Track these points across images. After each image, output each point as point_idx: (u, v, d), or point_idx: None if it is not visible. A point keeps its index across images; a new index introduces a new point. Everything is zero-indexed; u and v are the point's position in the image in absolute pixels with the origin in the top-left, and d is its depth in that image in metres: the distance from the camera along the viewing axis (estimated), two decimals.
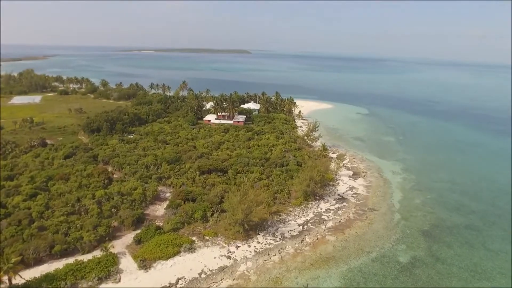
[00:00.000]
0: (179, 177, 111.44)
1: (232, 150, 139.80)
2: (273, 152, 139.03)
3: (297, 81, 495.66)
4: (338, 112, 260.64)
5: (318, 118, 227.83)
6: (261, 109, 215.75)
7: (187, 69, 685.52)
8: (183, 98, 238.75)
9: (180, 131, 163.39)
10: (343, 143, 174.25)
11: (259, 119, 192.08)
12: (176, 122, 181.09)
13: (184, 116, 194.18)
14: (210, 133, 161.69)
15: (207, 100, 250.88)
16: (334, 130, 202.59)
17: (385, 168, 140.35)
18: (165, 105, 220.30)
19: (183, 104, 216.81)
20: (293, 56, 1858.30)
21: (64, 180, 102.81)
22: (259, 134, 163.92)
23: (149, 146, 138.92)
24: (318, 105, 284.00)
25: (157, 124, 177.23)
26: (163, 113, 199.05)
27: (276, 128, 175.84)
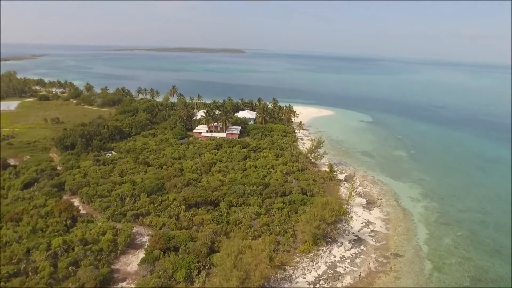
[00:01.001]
0: (160, 213, 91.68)
1: (226, 173, 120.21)
2: (273, 175, 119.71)
3: (294, 84, 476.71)
4: (340, 120, 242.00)
5: (319, 127, 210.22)
6: (257, 118, 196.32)
7: (179, 70, 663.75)
8: (172, 106, 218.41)
9: (166, 148, 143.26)
10: (351, 160, 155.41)
11: (255, 131, 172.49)
12: (162, 136, 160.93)
13: (172, 127, 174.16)
14: (200, 150, 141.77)
15: (198, 107, 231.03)
16: (338, 142, 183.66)
17: (401, 193, 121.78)
18: (151, 114, 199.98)
19: (172, 113, 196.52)
20: (288, 56, 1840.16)
21: (15, 221, 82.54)
22: (256, 151, 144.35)
23: (128, 168, 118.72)
24: (318, 112, 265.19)
25: (140, 139, 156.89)
26: (149, 124, 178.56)
27: (275, 142, 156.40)
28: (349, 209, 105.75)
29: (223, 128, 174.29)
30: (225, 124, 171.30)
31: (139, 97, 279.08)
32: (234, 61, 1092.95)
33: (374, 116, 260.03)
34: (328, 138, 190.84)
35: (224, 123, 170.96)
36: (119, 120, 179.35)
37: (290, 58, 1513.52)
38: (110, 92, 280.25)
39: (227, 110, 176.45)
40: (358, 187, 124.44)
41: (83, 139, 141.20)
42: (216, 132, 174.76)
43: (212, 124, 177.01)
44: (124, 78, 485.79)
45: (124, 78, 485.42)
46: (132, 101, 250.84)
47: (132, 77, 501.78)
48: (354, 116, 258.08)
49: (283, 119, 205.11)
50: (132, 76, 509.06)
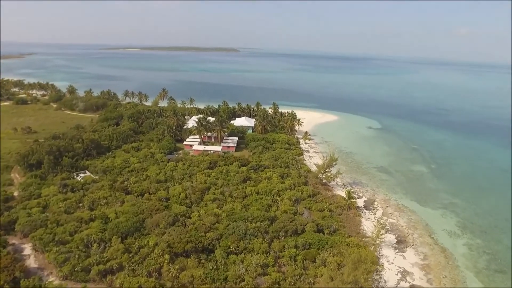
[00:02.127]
0: (136, 266, 69.43)
1: (222, 201, 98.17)
2: (280, 205, 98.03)
3: (292, 85, 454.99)
4: (347, 126, 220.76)
5: (325, 136, 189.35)
6: (256, 127, 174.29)
7: (171, 70, 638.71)
8: (161, 112, 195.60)
9: (150, 167, 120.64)
10: (366, 178, 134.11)
11: (255, 143, 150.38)
12: (147, 150, 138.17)
13: (159, 139, 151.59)
14: (191, 169, 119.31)
15: (190, 112, 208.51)
16: (348, 155, 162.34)
17: (434, 224, 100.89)
18: (137, 122, 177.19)
19: (160, 121, 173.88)
20: (282, 55, 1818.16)
21: None
22: (257, 170, 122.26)
23: (101, 197, 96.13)
24: (322, 117, 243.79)
25: (121, 154, 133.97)
26: (133, 135, 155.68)
27: (279, 158, 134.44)
28: (377, 251, 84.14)
29: (218, 139, 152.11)
30: (220, 135, 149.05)
31: (126, 101, 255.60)
32: (228, 60, 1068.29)
33: (381, 122, 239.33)
34: (336, 149, 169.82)
35: (219, 134, 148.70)
36: (98, 130, 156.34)
37: (285, 58, 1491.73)
38: (94, 96, 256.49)
39: (223, 119, 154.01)
40: (382, 217, 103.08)
41: (52, 157, 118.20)
42: (210, 145, 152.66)
43: (205, 134, 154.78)
44: (114, 78, 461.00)
45: (113, 78, 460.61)
46: (118, 105, 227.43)
47: (122, 77, 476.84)
48: (361, 122, 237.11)
49: (285, 127, 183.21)
50: (122, 77, 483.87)
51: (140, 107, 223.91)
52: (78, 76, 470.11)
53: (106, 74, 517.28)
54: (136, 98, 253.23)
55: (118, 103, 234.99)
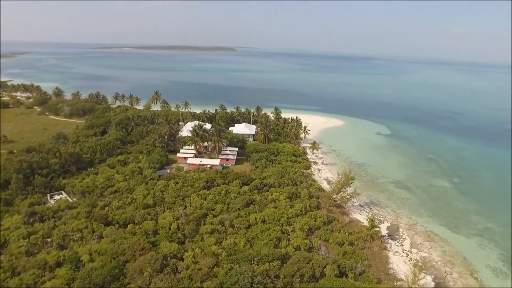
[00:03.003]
0: None
1: (221, 233, 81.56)
2: (291, 238, 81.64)
3: (292, 86, 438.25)
4: (354, 133, 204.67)
5: (332, 144, 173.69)
6: (258, 135, 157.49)
7: (167, 70, 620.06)
8: (152, 118, 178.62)
9: (137, 187, 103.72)
10: (384, 197, 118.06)
11: (257, 155, 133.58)
12: (135, 164, 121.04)
13: (149, 150, 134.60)
14: (185, 190, 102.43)
15: (185, 117, 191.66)
16: (360, 167, 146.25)
17: (473, 258, 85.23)
18: (126, 129, 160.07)
19: (151, 129, 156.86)
20: (280, 54, 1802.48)
21: None
22: (261, 190, 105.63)
23: (75, 229, 79.22)
24: (326, 121, 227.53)
25: (105, 170, 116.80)
26: (120, 146, 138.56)
27: (285, 174, 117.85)
28: None
29: (216, 150, 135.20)
30: (218, 147, 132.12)
31: (117, 104, 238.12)
32: (225, 60, 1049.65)
33: (390, 127, 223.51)
34: (346, 159, 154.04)
35: (216, 145, 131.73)
36: (80, 141, 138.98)
37: (283, 57, 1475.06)
38: (81, 99, 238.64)
39: (221, 128, 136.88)
40: (411, 249, 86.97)
41: (21, 175, 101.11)
42: (206, 156, 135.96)
43: (202, 145, 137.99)
44: (106, 79, 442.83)
45: (106, 79, 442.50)
46: (106, 110, 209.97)
47: (115, 78, 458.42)
48: (369, 127, 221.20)
49: (290, 135, 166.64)
50: (115, 77, 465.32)
51: (131, 112, 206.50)
52: (69, 77, 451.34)
53: (98, 74, 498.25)
54: (127, 101, 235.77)
55: (107, 107, 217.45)
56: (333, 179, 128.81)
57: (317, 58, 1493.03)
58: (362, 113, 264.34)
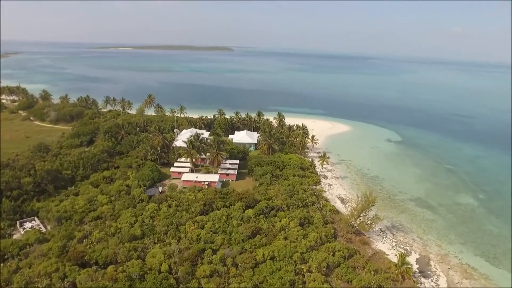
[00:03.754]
0: None
1: (223, 277, 66.90)
2: (307, 281, 67.18)
3: (292, 87, 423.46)
4: (362, 139, 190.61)
5: (340, 153, 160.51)
6: (261, 145, 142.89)
7: (163, 70, 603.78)
8: (145, 125, 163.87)
9: (123, 211, 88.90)
10: (406, 218, 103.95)
11: (261, 169, 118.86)
12: (122, 182, 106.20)
13: (140, 164, 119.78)
14: (179, 215, 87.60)
15: (180, 123, 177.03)
16: (374, 180, 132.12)
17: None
18: (115, 138, 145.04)
19: (143, 138, 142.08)
20: (277, 54, 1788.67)
21: None
22: (268, 215, 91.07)
23: (42, 275, 64.35)
24: (332, 127, 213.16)
25: (88, 189, 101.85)
26: (107, 159, 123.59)
27: (294, 193, 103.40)
28: None
29: (214, 163, 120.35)
30: (217, 160, 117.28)
31: (108, 109, 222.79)
32: (222, 60, 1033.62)
33: (400, 133, 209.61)
34: (358, 171, 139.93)
35: (215, 159, 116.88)
36: (62, 153, 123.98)
37: (280, 57, 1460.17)
38: (70, 103, 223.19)
39: (220, 140, 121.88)
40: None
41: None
42: (204, 170, 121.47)
43: (198, 158, 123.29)
44: (99, 80, 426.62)
45: (99, 80, 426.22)
46: (95, 115, 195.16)
47: (109, 79, 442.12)
48: (377, 133, 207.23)
49: (296, 144, 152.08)
50: (110, 78, 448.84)
51: (122, 117, 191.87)
52: (60, 78, 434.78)
53: (92, 75, 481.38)
54: (119, 105, 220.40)
55: (96, 112, 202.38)
56: (347, 197, 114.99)
57: (315, 58, 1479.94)
58: (368, 117, 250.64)
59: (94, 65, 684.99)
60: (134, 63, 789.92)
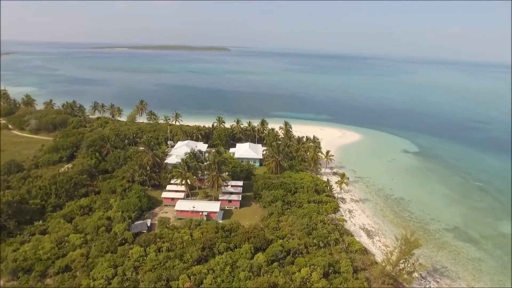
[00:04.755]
0: None
1: None
2: None
3: (293, 89, 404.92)
4: (377, 150, 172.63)
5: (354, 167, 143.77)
6: (268, 162, 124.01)
7: (158, 71, 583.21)
8: (134, 137, 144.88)
9: (100, 258, 69.84)
10: (448, 258, 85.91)
11: (269, 195, 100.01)
12: (103, 213, 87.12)
13: (125, 188, 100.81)
14: (171, 264, 68.67)
15: (175, 133, 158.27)
16: (399, 203, 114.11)
17: None
18: (100, 153, 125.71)
19: (131, 154, 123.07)
20: (274, 54, 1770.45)
21: None
22: (283, 262, 72.33)
23: None
24: (341, 135, 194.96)
25: (58, 225, 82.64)
26: (86, 182, 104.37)
27: (312, 228, 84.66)
28: None
29: (215, 188, 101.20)
30: (217, 184, 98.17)
31: (96, 115, 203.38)
32: (219, 60, 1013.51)
33: (415, 142, 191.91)
34: (379, 193, 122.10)
35: (215, 183, 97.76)
36: (32, 176, 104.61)
37: (278, 57, 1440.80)
38: (54, 109, 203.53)
39: (221, 160, 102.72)
40: None
41: None
42: (201, 197, 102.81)
43: (195, 180, 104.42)
44: (91, 82, 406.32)
45: (90, 82, 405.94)
46: (81, 123, 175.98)
47: (101, 81, 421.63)
48: (391, 143, 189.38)
49: (307, 160, 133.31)
50: (101, 80, 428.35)
51: (110, 126, 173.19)
52: (50, 80, 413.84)
53: (84, 77, 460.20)
54: (108, 112, 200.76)
55: (82, 120, 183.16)
56: (373, 228, 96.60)
57: (313, 58, 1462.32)
58: (377, 123, 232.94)
59: (87, 66, 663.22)
60: (129, 64, 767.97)
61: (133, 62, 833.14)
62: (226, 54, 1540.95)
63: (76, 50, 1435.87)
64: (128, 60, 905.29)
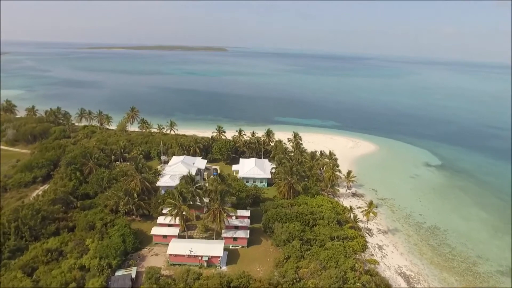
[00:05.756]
0: None
1: None
2: None
3: (294, 92, 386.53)
4: (395, 163, 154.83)
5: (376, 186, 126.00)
6: (279, 185, 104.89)
7: (153, 73, 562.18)
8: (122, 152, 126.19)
9: None
10: None
11: (284, 231, 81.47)
12: (75, 261, 68.31)
13: (107, 223, 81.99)
14: None
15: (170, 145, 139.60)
16: (436, 235, 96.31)
17: None
18: (81, 172, 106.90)
19: (116, 174, 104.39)
20: (272, 54, 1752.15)
21: None
22: None
23: None
24: (354, 146, 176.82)
25: (15, 279, 63.69)
26: (60, 213, 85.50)
27: (339, 276, 66.14)
28: None
29: (216, 222, 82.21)
30: (220, 220, 79.28)
31: (83, 123, 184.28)
32: (217, 61, 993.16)
33: (435, 152, 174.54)
34: (408, 220, 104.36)
35: (218, 218, 78.90)
36: None
37: (275, 57, 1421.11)
38: (36, 117, 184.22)
39: (225, 190, 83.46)
40: None
41: None
42: (200, 234, 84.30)
43: (192, 217, 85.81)
44: (82, 84, 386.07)
45: (82, 84, 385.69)
46: (64, 134, 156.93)
47: (93, 83, 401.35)
48: (409, 154, 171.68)
49: (323, 179, 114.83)
50: (94, 82, 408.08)
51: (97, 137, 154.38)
52: (40, 82, 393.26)
53: (76, 78, 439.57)
54: (95, 120, 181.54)
55: (66, 129, 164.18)
56: (411, 272, 78.43)
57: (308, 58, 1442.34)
58: (390, 130, 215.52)
59: (80, 67, 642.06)
60: (124, 65, 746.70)
61: (128, 63, 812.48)
62: (224, 54, 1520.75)
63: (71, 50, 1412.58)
64: (123, 60, 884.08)
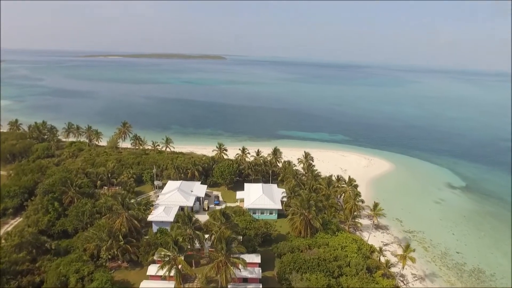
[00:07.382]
0: None
1: None
2: None
3: (296, 102, 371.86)
4: (416, 186, 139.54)
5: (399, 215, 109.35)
6: (293, 221, 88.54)
7: (150, 82, 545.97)
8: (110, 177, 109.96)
9: None
10: None
11: (302, 282, 65.21)
12: None
13: (83, 276, 65.45)
14: None
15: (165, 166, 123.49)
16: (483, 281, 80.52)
17: None
18: (60, 202, 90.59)
19: (101, 207, 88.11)
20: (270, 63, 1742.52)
21: None
22: None
23: None
24: (368, 164, 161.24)
25: None
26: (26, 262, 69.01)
27: None
28: None
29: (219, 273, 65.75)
30: (225, 274, 62.94)
31: (70, 138, 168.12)
32: (215, 69, 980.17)
33: (457, 172, 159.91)
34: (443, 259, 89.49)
35: (224, 273, 62.62)
36: None
37: (273, 66, 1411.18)
38: (17, 132, 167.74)
39: (231, 238, 66.59)
40: None
41: None
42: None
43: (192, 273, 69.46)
44: (75, 95, 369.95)
45: (75, 95, 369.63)
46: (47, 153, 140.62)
47: (87, 93, 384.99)
48: (429, 173, 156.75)
49: (342, 210, 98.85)
50: (87, 92, 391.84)
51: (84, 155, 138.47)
52: (30, 92, 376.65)
53: (68, 88, 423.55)
54: (84, 136, 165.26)
55: (51, 147, 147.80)
56: None
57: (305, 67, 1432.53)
58: (403, 145, 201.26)
59: (75, 75, 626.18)
60: (120, 73, 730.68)
61: (124, 71, 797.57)
62: (222, 62, 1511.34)
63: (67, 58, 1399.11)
64: (120, 69, 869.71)
